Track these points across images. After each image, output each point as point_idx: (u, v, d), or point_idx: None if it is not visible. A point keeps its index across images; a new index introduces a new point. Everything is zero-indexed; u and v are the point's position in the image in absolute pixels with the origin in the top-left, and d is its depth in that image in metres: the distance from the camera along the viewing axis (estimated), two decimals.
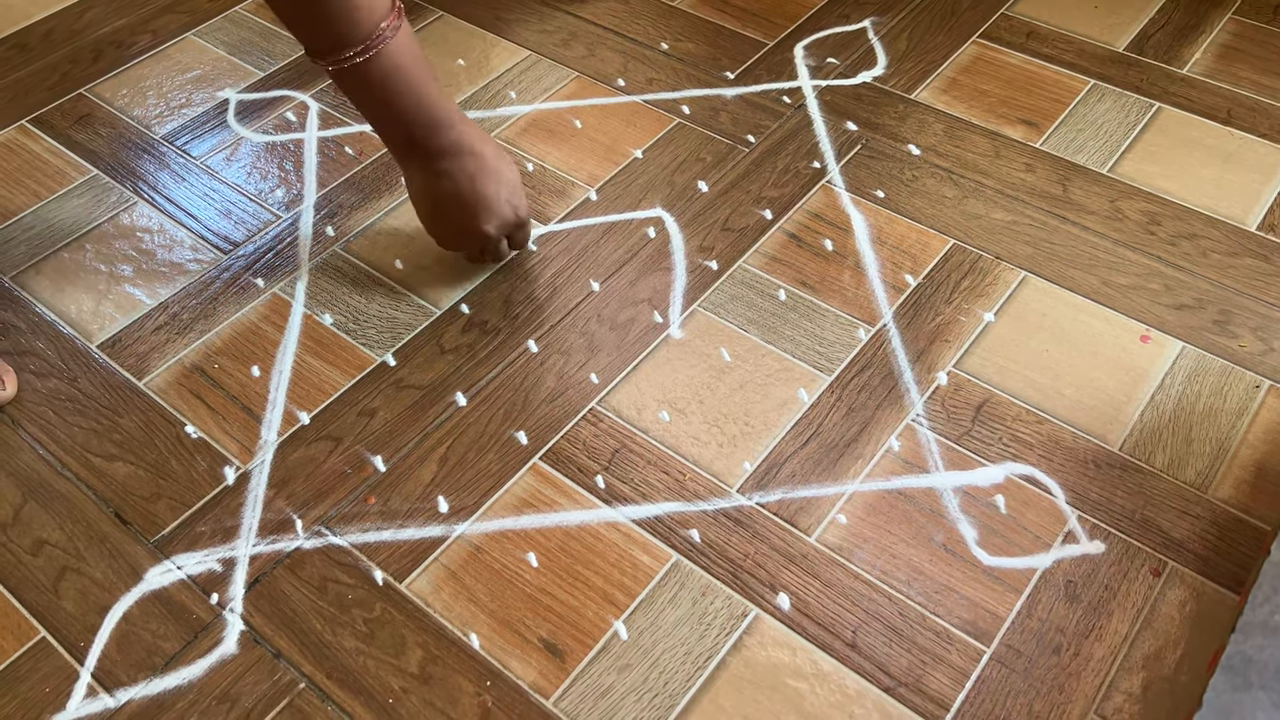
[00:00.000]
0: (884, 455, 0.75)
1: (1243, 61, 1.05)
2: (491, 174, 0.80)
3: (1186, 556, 0.70)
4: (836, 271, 0.87)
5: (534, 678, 0.66)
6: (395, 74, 0.74)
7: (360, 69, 0.73)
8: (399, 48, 0.73)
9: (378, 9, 0.71)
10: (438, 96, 0.77)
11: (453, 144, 0.79)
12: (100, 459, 0.77)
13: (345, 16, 0.70)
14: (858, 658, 0.66)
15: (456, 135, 0.79)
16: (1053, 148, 0.97)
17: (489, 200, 0.81)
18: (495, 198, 0.81)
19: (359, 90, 0.75)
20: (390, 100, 0.76)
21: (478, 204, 0.81)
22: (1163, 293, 0.85)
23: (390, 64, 0.73)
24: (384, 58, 0.73)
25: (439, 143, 0.78)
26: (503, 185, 0.81)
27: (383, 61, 0.73)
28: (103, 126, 1.04)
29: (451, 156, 0.79)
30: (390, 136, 0.80)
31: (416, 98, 0.76)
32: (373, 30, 0.71)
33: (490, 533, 0.72)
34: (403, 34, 0.73)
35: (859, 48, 1.09)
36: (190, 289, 0.89)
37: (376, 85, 0.74)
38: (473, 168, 0.80)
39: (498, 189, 0.81)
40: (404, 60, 0.74)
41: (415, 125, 0.77)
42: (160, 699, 0.65)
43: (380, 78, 0.74)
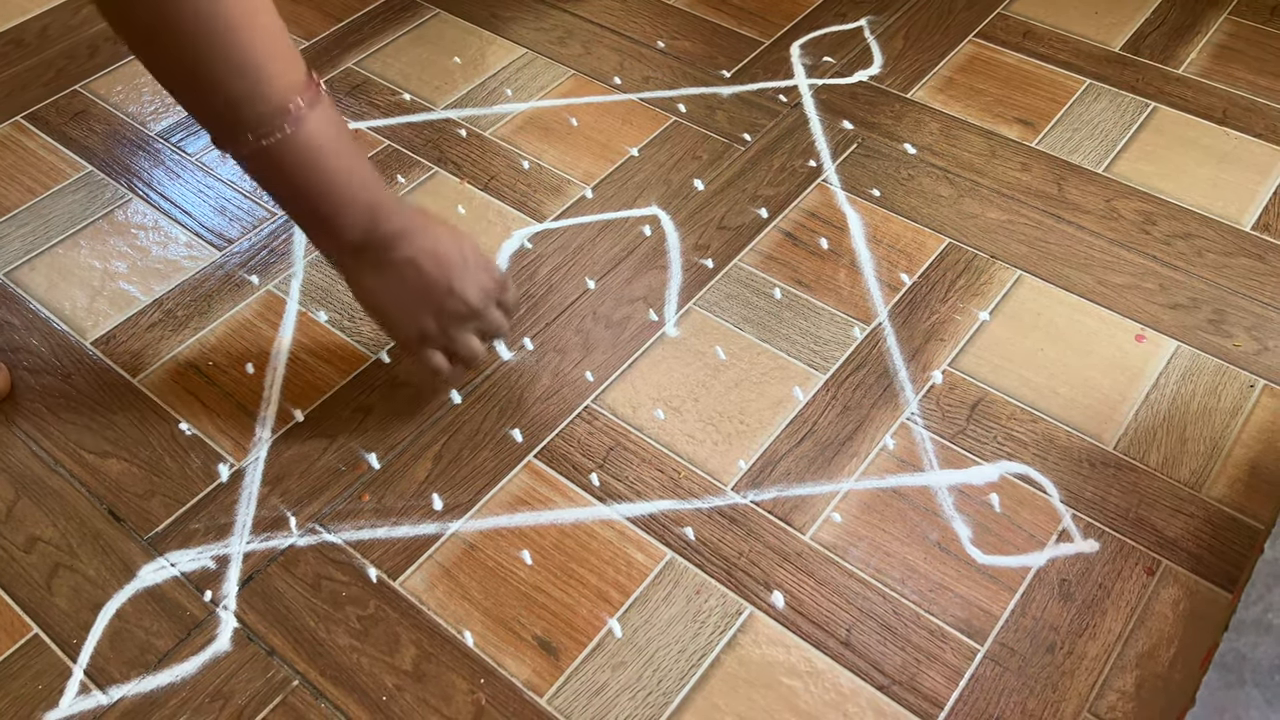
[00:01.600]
0: (879, 453, 0.75)
1: (1238, 62, 1.05)
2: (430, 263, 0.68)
3: (1180, 555, 0.70)
4: (832, 270, 0.87)
5: (528, 675, 0.66)
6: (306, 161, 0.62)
7: (268, 153, 0.61)
8: (315, 134, 0.61)
9: (284, 85, 0.59)
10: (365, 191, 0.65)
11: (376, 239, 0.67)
12: (94, 456, 0.77)
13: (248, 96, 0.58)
14: (852, 656, 0.66)
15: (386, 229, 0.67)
16: (1048, 147, 0.97)
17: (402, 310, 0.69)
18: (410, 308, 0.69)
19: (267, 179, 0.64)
20: (300, 190, 0.64)
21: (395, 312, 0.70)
22: (1158, 292, 0.85)
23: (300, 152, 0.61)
24: (293, 143, 0.61)
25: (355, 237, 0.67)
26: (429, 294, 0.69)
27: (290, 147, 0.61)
28: (98, 123, 1.04)
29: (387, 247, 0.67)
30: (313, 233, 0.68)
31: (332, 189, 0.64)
32: (277, 109, 0.59)
33: (484, 530, 0.72)
34: (320, 117, 0.61)
35: (855, 47, 1.09)
36: (185, 286, 0.89)
37: (282, 172, 0.62)
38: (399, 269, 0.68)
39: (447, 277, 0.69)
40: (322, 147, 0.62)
41: (328, 218, 0.65)
42: (153, 696, 0.65)
43: (287, 165, 0.62)
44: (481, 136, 1.00)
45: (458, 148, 0.99)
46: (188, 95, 0.61)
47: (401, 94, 1.05)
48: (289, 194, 0.65)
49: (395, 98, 1.05)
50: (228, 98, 0.59)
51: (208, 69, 0.58)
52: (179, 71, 0.59)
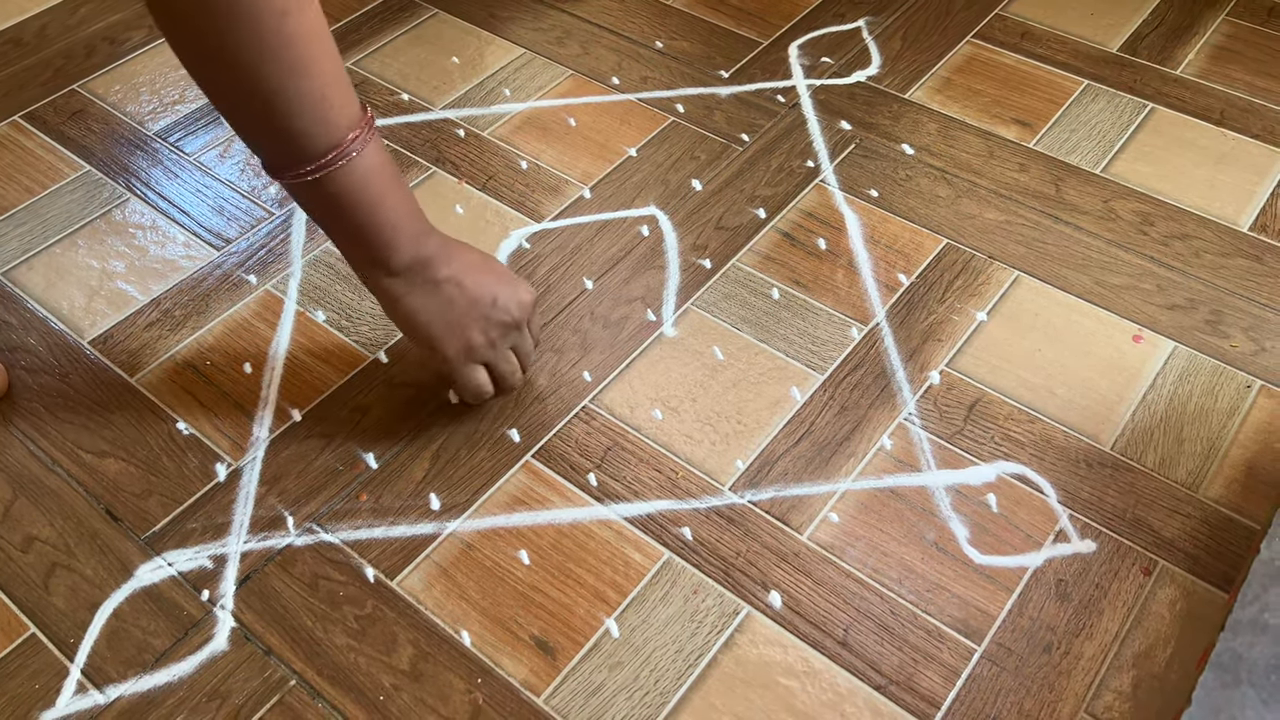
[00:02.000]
0: (876, 454, 0.75)
1: (1236, 63, 1.05)
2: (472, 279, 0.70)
3: (1177, 555, 0.70)
4: (830, 270, 0.87)
5: (525, 675, 0.66)
6: (359, 190, 0.64)
7: (321, 184, 0.63)
8: (366, 165, 0.63)
9: (343, 119, 0.61)
10: (409, 219, 0.67)
11: (420, 261, 0.68)
12: (91, 455, 0.77)
13: (310, 128, 0.60)
14: (849, 656, 0.66)
15: (427, 252, 0.69)
16: (1046, 148, 0.97)
17: (471, 316, 0.71)
18: (457, 324, 0.70)
19: (319, 206, 0.66)
20: (350, 218, 0.65)
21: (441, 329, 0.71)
22: (1155, 293, 0.85)
23: (354, 181, 0.63)
24: (346, 175, 0.62)
25: (403, 261, 0.68)
26: (474, 307, 0.70)
27: (344, 178, 0.63)
28: (96, 122, 1.04)
29: (421, 273, 0.69)
30: (356, 257, 0.69)
31: (382, 217, 0.65)
32: (337, 142, 0.61)
33: (482, 530, 0.72)
34: (372, 149, 0.63)
35: (853, 47, 1.09)
36: (182, 285, 0.89)
37: (335, 201, 0.64)
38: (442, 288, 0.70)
39: (479, 306, 0.70)
40: (372, 178, 0.64)
41: (377, 244, 0.67)
42: (150, 695, 0.65)
43: (340, 194, 0.63)
44: (480, 136, 1.01)
45: (456, 147, 0.99)
46: (248, 122, 0.62)
47: (400, 94, 1.05)
48: (338, 222, 0.66)
49: (393, 97, 1.05)
50: (289, 128, 0.60)
51: (272, 97, 0.58)
52: (242, 98, 0.59)
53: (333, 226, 0.67)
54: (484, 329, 0.71)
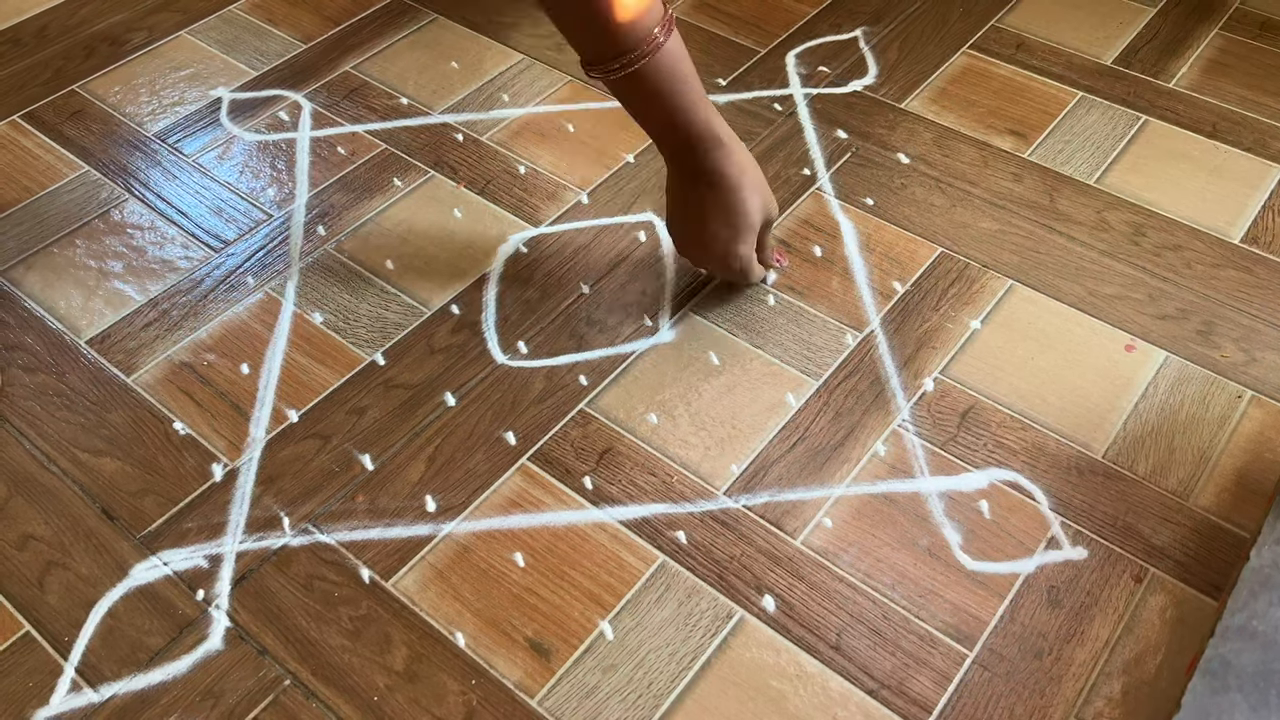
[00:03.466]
0: (870, 460, 0.76)
1: (1229, 76, 1.06)
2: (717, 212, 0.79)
3: (1167, 563, 0.70)
4: (825, 277, 0.88)
5: (519, 677, 0.66)
6: (657, 85, 0.73)
7: (632, 76, 0.72)
8: (670, 55, 0.73)
9: (653, 14, 0.71)
10: (701, 109, 0.76)
11: (700, 168, 0.77)
12: (88, 454, 0.77)
13: (624, 24, 0.70)
14: (842, 660, 0.66)
15: (706, 160, 0.77)
16: (1040, 158, 0.98)
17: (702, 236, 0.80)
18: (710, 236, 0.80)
19: (629, 96, 0.76)
20: (651, 109, 0.76)
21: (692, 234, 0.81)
22: (1147, 303, 0.86)
23: (661, 70, 0.73)
24: (654, 65, 0.72)
25: (688, 161, 0.78)
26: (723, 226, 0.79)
27: (653, 68, 0.72)
28: (95, 123, 1.04)
29: (691, 178, 0.78)
30: (660, 140, 0.79)
31: (685, 106, 0.75)
32: (645, 36, 0.71)
33: (478, 532, 0.73)
34: (673, 41, 0.73)
35: (850, 56, 1.09)
36: (180, 286, 0.89)
37: (646, 92, 0.74)
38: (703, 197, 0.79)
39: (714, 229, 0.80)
40: (675, 67, 0.73)
41: (679, 135, 0.76)
42: (145, 694, 0.65)
43: (650, 84, 0.73)
44: (478, 141, 1.01)
45: (454, 152, 1.00)
46: (576, 28, 0.73)
47: (399, 98, 1.06)
48: (649, 108, 0.76)
49: (393, 101, 1.05)
50: (610, 30, 0.71)
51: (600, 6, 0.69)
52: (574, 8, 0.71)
53: (643, 114, 0.77)
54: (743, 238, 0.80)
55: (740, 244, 0.80)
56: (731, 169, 0.78)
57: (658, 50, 0.72)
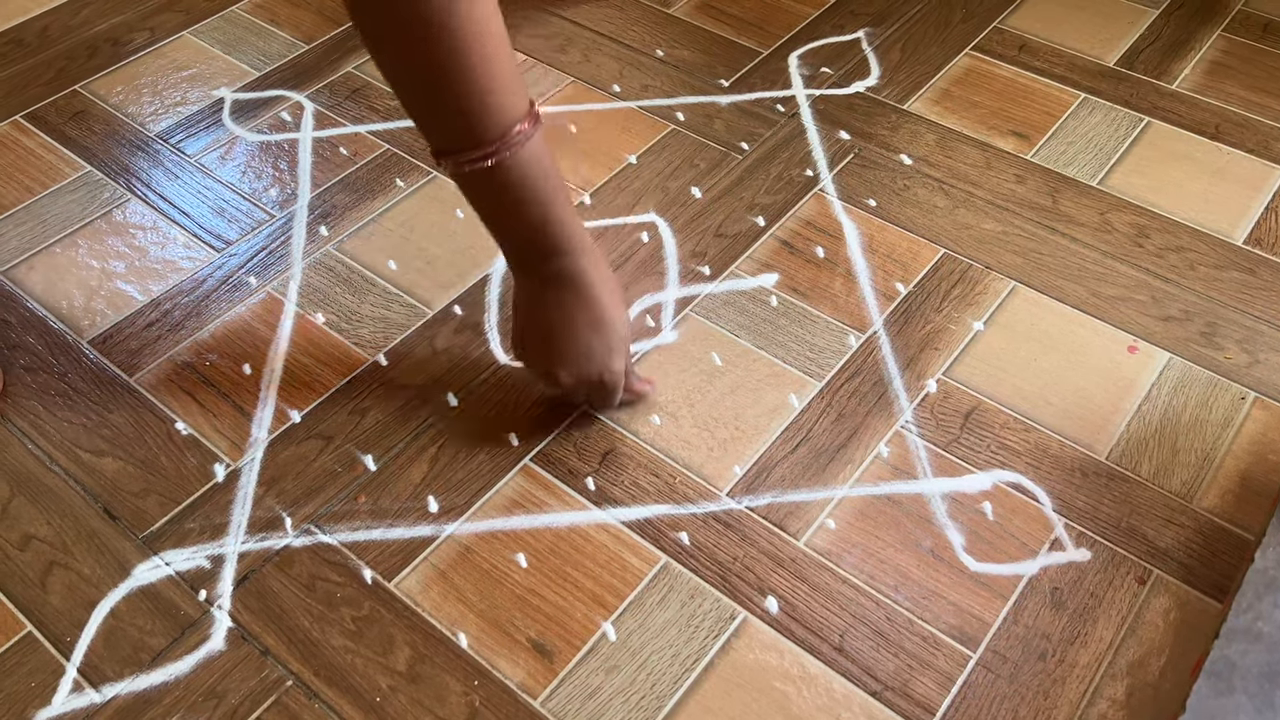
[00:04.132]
0: (873, 461, 0.76)
1: (1231, 78, 1.06)
2: (591, 323, 0.71)
3: (1171, 565, 0.70)
4: (828, 279, 0.88)
5: (522, 678, 0.66)
6: (520, 185, 0.66)
7: (484, 175, 0.65)
8: (529, 157, 0.65)
9: (514, 110, 0.63)
10: (562, 217, 0.68)
11: (565, 275, 0.70)
12: (90, 454, 0.77)
13: (478, 113, 0.62)
14: (845, 661, 0.66)
15: (572, 267, 0.70)
16: (1043, 160, 0.98)
17: (575, 349, 0.72)
18: (584, 350, 0.72)
19: (479, 196, 0.68)
20: (510, 212, 0.68)
21: (563, 348, 0.72)
22: (1150, 304, 0.86)
23: (517, 174, 0.65)
24: (511, 166, 0.64)
25: (550, 269, 0.70)
26: (597, 338, 0.71)
27: (509, 170, 0.65)
28: (97, 123, 1.04)
29: (555, 288, 0.70)
30: (513, 245, 0.71)
31: (539, 214, 0.67)
32: (504, 133, 0.63)
33: (480, 533, 0.73)
34: (535, 142, 0.65)
35: (853, 58, 1.09)
36: (183, 286, 0.89)
37: (498, 193, 0.66)
38: (572, 308, 0.71)
39: (589, 341, 0.71)
40: (532, 172, 0.65)
41: (532, 244, 0.69)
42: (147, 695, 0.65)
43: (502, 187, 0.66)
44: None
45: None
46: (422, 106, 0.64)
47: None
48: (498, 212, 0.69)
49: (395, 102, 1.05)
50: (461, 114, 0.62)
51: (447, 82, 0.61)
52: (418, 81, 0.62)
53: (491, 216, 0.70)
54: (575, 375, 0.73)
55: (616, 358, 0.72)
56: (597, 276, 0.70)
57: (519, 147, 0.64)
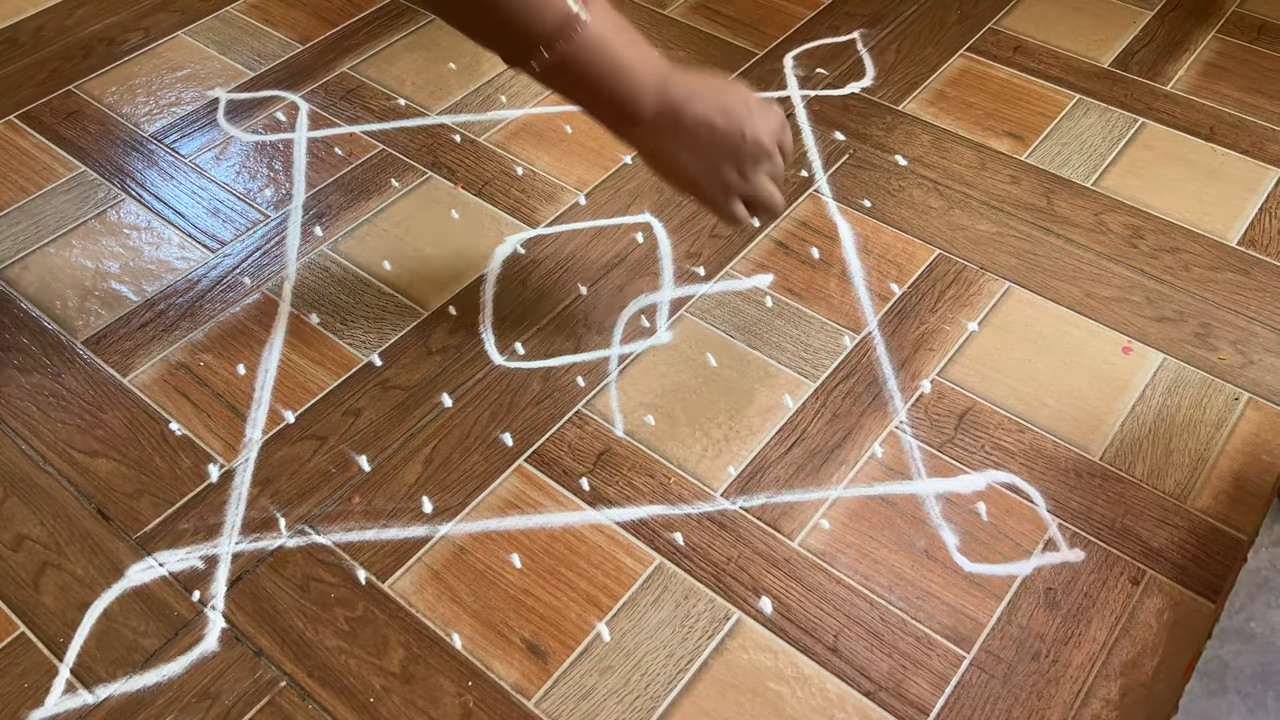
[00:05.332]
0: (867, 461, 0.76)
1: (1226, 79, 1.07)
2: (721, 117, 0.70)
3: (1165, 565, 0.70)
4: (823, 279, 0.88)
5: (516, 678, 0.66)
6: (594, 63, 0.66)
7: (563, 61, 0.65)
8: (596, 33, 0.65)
9: None
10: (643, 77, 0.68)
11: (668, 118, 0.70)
12: (83, 455, 0.77)
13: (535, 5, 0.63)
14: (839, 662, 0.66)
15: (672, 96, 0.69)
16: (1038, 161, 0.98)
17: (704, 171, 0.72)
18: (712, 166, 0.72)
19: (559, 83, 0.69)
20: (594, 89, 0.68)
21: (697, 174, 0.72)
22: (1144, 305, 0.86)
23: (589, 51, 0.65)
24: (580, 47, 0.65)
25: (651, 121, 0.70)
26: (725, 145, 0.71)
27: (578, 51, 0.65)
28: (91, 123, 1.04)
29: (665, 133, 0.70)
30: (602, 120, 0.72)
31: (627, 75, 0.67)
32: (562, 19, 0.64)
33: (474, 533, 0.72)
34: (598, 15, 0.65)
35: (848, 59, 1.10)
36: (177, 286, 0.89)
37: (575, 77, 0.67)
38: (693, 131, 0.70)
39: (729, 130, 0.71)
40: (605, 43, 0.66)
41: (623, 111, 0.69)
42: (140, 696, 0.65)
43: (577, 71, 0.66)
44: (476, 142, 1.01)
45: (452, 153, 1.00)
46: (479, 25, 0.66)
47: (396, 99, 1.06)
48: (587, 91, 0.69)
49: (390, 102, 1.05)
50: (518, 20, 0.64)
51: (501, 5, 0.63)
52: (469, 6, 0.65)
53: (583, 98, 0.70)
54: (737, 165, 0.72)
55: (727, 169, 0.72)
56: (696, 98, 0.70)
57: (579, 30, 0.64)
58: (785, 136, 0.75)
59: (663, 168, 0.74)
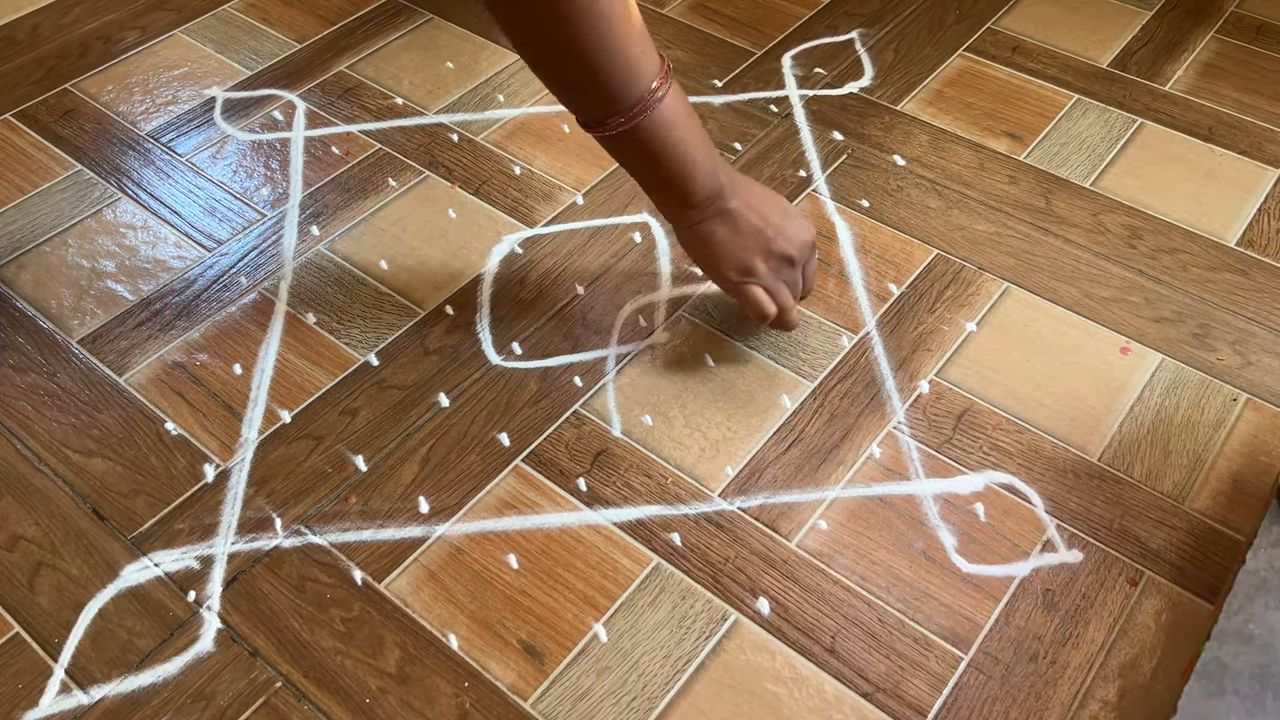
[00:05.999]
0: (865, 462, 0.76)
1: (1224, 80, 1.06)
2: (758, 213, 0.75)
3: (1163, 566, 0.70)
4: (821, 279, 0.88)
5: (512, 679, 0.65)
6: (662, 140, 0.69)
7: (626, 135, 0.69)
8: (666, 114, 0.69)
9: (647, 71, 0.67)
10: (706, 165, 0.72)
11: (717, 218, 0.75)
12: (78, 454, 0.77)
13: (617, 82, 0.66)
14: (836, 663, 0.66)
15: (721, 209, 0.74)
16: (1036, 161, 0.98)
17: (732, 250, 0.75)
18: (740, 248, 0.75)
19: (626, 153, 0.72)
20: (655, 165, 0.71)
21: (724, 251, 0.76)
22: (1143, 305, 0.86)
23: (657, 131, 0.69)
24: (650, 124, 0.68)
25: (699, 216, 0.74)
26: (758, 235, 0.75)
27: (649, 129, 0.68)
28: (88, 122, 1.03)
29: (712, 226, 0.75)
30: (656, 198, 0.75)
31: (683, 167, 0.71)
32: (641, 96, 0.67)
33: (471, 534, 0.72)
34: (672, 95, 0.69)
35: (846, 58, 1.09)
36: (173, 286, 0.88)
37: (642, 150, 0.70)
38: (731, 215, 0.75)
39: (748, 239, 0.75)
40: (672, 125, 0.69)
41: (681, 195, 0.73)
42: (135, 696, 0.65)
43: (643, 144, 0.70)
44: (473, 141, 1.01)
45: (449, 152, 1.00)
46: (567, 80, 0.68)
47: (394, 98, 1.05)
48: (647, 167, 0.73)
49: (387, 101, 1.05)
50: (603, 85, 0.66)
51: (589, 58, 0.65)
52: (562, 62, 0.66)
53: (642, 172, 0.74)
54: (764, 256, 0.76)
55: (753, 259, 0.75)
56: (750, 207, 0.75)
57: (656, 107, 0.68)
58: (812, 257, 0.80)
59: (698, 247, 0.77)
